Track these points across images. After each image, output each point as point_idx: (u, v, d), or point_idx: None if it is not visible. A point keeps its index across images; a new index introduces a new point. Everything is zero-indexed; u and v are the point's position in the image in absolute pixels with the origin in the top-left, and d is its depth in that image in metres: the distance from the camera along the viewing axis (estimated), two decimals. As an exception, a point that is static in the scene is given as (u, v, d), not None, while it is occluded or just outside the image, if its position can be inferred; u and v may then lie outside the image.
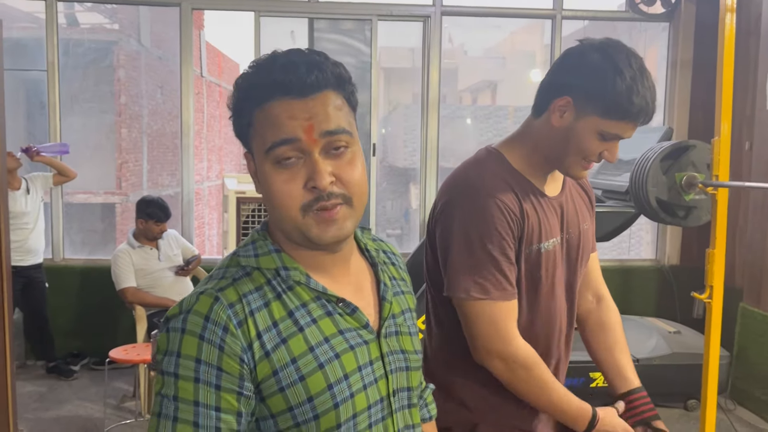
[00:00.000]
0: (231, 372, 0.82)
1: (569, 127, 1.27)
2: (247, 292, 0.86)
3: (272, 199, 0.87)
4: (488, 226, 1.27)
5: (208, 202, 13.24)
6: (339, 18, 4.88)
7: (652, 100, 1.24)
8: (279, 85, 0.85)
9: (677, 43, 4.86)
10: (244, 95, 0.88)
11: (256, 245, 0.92)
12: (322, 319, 0.89)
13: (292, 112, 0.85)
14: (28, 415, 3.71)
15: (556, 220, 1.36)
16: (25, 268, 4.17)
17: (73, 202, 8.26)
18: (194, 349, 0.82)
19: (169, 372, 0.83)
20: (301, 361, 0.85)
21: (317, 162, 0.85)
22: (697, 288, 2.64)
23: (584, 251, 1.43)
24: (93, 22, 9.81)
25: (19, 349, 4.42)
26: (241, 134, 0.91)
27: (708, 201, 2.98)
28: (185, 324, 0.83)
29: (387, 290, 0.99)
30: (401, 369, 0.96)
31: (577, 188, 1.47)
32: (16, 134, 6.70)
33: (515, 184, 1.31)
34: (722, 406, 3.80)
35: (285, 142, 0.84)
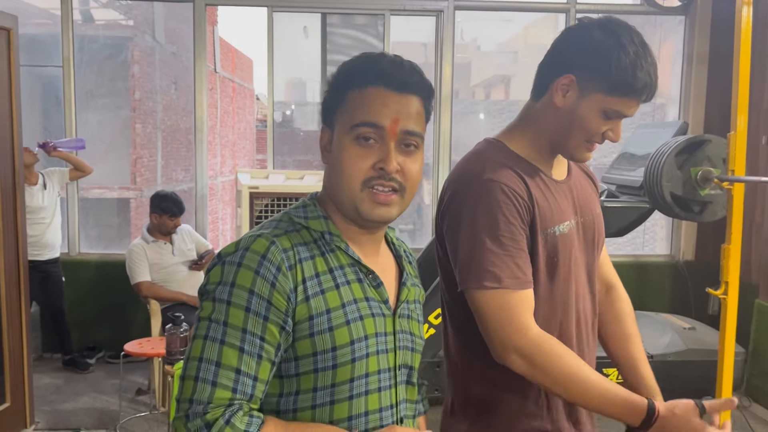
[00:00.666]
0: (279, 307, 0.92)
1: (573, 106, 1.25)
2: (298, 243, 0.98)
3: (341, 166, 0.99)
4: (494, 212, 1.22)
5: (221, 197, 13.30)
6: (352, 13, 4.88)
7: (655, 75, 1.23)
8: (384, 74, 0.99)
9: (693, 36, 4.81)
10: (347, 76, 1.01)
11: (307, 209, 1.03)
12: (354, 283, 1.01)
13: (386, 101, 0.98)
14: (44, 407, 3.76)
15: (568, 204, 1.32)
16: (42, 262, 4.21)
17: (89, 197, 8.34)
18: (249, 281, 0.91)
19: (221, 299, 0.92)
20: (334, 314, 0.96)
21: (391, 150, 0.98)
22: (712, 284, 2.62)
23: (600, 236, 1.40)
24: (108, 18, 9.87)
25: (36, 342, 4.47)
26: (328, 107, 1.03)
27: (723, 196, 2.95)
28: (242, 259, 0.93)
29: (408, 278, 1.13)
30: (407, 348, 1.08)
31: (582, 174, 1.44)
32: (32, 130, 6.77)
33: (519, 169, 1.27)
34: (737, 403, 3.77)
35: (372, 124, 0.97)
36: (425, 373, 3.58)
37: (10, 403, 3.26)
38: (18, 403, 3.32)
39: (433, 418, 1.31)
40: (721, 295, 2.52)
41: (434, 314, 3.55)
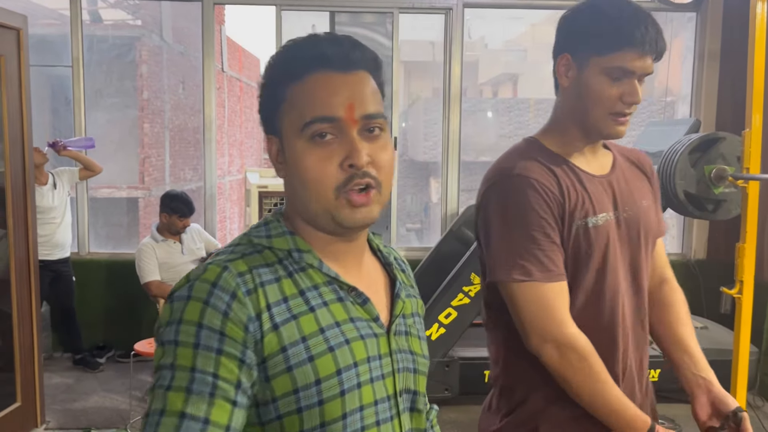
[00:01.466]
0: (234, 337, 0.78)
1: (577, 82, 1.26)
2: (258, 266, 0.83)
3: (304, 177, 0.84)
4: (525, 206, 1.24)
5: (229, 197, 13.33)
6: (360, 11, 4.87)
7: (646, 22, 1.21)
8: (322, 57, 0.85)
9: (704, 33, 4.77)
10: (282, 69, 0.87)
11: (270, 226, 0.89)
12: (334, 304, 0.86)
13: (333, 86, 0.84)
14: (55, 406, 3.77)
15: (606, 197, 1.30)
16: (52, 262, 4.23)
17: (98, 197, 8.37)
18: (197, 314, 0.78)
19: (169, 341, 0.78)
20: (312, 341, 0.81)
21: (355, 140, 0.83)
22: (724, 283, 2.60)
23: (648, 230, 1.35)
24: (116, 18, 9.91)
25: (47, 341, 4.49)
26: (268, 113, 0.89)
27: (738, 194, 2.92)
28: (191, 291, 0.80)
29: (401, 288, 0.97)
30: (408, 370, 0.93)
31: (632, 168, 1.40)
32: (42, 129, 6.80)
33: (551, 164, 1.28)
34: (751, 403, 3.74)
35: (325, 119, 0.83)
36: (435, 372, 3.57)
37: (21, 403, 3.27)
38: (29, 403, 3.33)
39: (446, 418, 1.30)
40: (735, 294, 2.50)
41: (444, 314, 3.54)
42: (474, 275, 3.47)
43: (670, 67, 7.24)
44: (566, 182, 1.27)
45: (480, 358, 3.68)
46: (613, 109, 1.24)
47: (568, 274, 1.26)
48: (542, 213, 1.23)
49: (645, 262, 1.36)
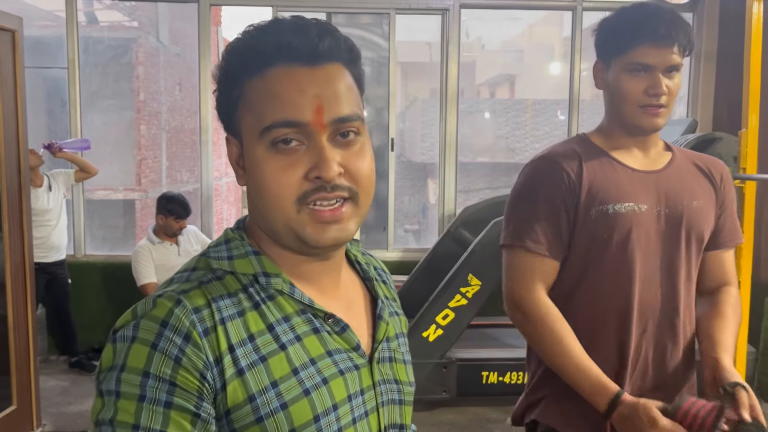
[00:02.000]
0: (187, 388, 0.66)
1: (608, 83, 1.36)
2: (218, 298, 0.71)
3: (262, 189, 0.72)
4: (536, 182, 1.37)
5: (226, 198, 13.32)
6: (357, 12, 4.86)
7: (661, 18, 1.28)
8: (285, 47, 0.71)
9: (701, 33, 4.77)
10: (239, 60, 0.74)
11: (231, 245, 0.77)
12: (308, 337, 0.74)
13: (298, 83, 0.71)
14: (51, 410, 3.75)
15: (644, 190, 1.35)
16: (48, 264, 4.21)
17: (94, 199, 8.35)
18: (142, 361, 0.66)
19: (109, 391, 0.67)
20: (284, 386, 0.70)
21: (324, 149, 0.71)
22: (723, 283, 2.59)
23: (692, 229, 1.37)
24: (112, 19, 9.90)
25: (43, 344, 4.47)
26: (225, 111, 0.76)
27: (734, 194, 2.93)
28: (136, 331, 0.68)
29: (384, 308, 0.84)
30: (394, 402, 0.82)
31: (694, 171, 1.42)
32: (38, 131, 6.78)
33: (585, 153, 1.37)
34: (748, 403, 3.74)
35: (288, 124, 0.70)
36: (432, 374, 3.56)
37: (17, 406, 3.25)
38: (24, 406, 3.31)
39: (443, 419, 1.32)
40: (732, 294, 2.49)
41: (441, 315, 3.53)
42: (471, 276, 3.47)
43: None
44: (592, 170, 1.35)
45: (478, 359, 3.68)
46: (640, 102, 1.31)
47: (578, 254, 1.35)
48: (550, 192, 1.34)
49: (685, 261, 1.38)
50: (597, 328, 1.36)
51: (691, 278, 1.41)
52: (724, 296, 1.44)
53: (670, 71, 1.30)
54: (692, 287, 1.42)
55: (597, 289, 1.35)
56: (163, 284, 0.75)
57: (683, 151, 1.47)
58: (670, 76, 1.31)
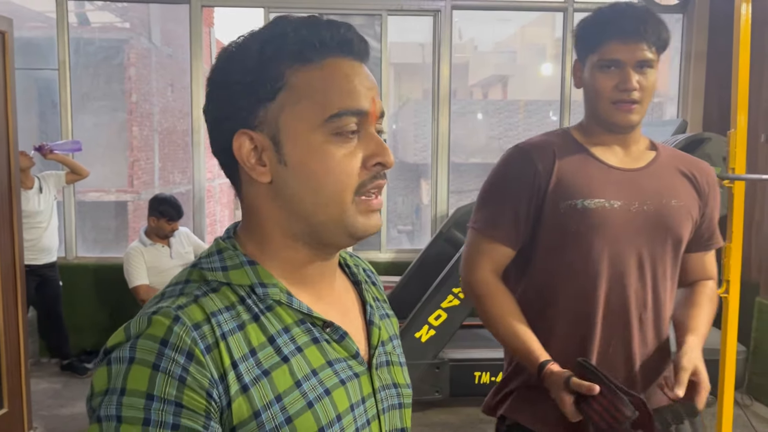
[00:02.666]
0: (194, 408, 0.63)
1: (584, 81, 1.39)
2: (216, 312, 0.68)
3: (322, 178, 0.70)
4: (504, 170, 1.41)
5: (219, 200, 13.28)
6: (348, 13, 4.86)
7: (632, 15, 1.32)
8: (343, 41, 0.72)
9: (691, 34, 4.80)
10: (283, 48, 0.71)
11: (224, 256, 0.74)
12: (308, 347, 0.73)
13: (360, 75, 0.72)
14: (42, 412, 3.74)
15: (619, 187, 1.36)
16: (39, 266, 4.19)
17: (86, 201, 8.31)
18: (144, 383, 0.63)
19: (109, 416, 0.63)
20: (287, 399, 0.69)
21: (379, 138, 0.73)
22: (713, 283, 2.60)
23: (670, 228, 1.38)
24: (104, 20, 9.86)
25: (34, 346, 4.45)
26: (253, 101, 0.72)
27: (724, 194, 2.94)
28: (133, 352, 0.64)
29: (373, 313, 0.84)
30: (394, 407, 0.82)
31: (675, 171, 1.43)
32: (29, 133, 6.75)
33: (561, 147, 1.39)
34: (739, 402, 3.76)
35: (357, 112, 0.71)
36: (425, 374, 3.56)
37: (8, 409, 3.24)
38: (16, 409, 3.29)
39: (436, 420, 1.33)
40: (722, 293, 2.51)
41: (434, 315, 3.54)
42: (463, 277, 3.47)
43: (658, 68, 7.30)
44: (566, 164, 1.37)
45: (470, 359, 3.68)
46: (612, 98, 1.34)
47: (553, 247, 1.37)
48: (518, 182, 1.37)
49: (661, 259, 1.38)
50: (561, 321, 1.38)
51: (668, 276, 1.41)
52: (700, 288, 1.48)
53: (641, 67, 1.32)
54: (669, 285, 1.42)
55: (564, 281, 1.37)
56: (155, 299, 0.72)
57: (670, 152, 1.46)
58: (642, 72, 1.32)
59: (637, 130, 1.41)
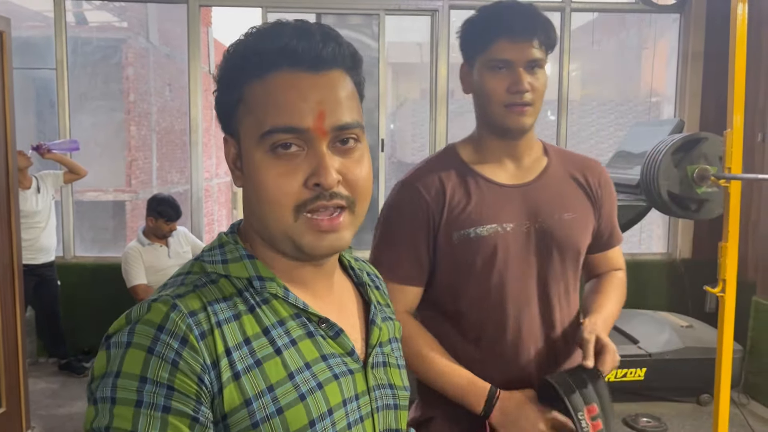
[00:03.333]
0: (186, 392, 0.65)
1: (474, 85, 1.32)
2: (213, 301, 0.71)
3: (260, 194, 0.72)
4: (396, 211, 1.34)
5: (217, 199, 13.27)
6: (346, 13, 4.87)
7: (521, 13, 1.26)
8: (288, 52, 0.71)
9: (688, 34, 4.81)
10: (240, 63, 0.73)
11: (225, 249, 0.77)
12: (303, 341, 0.74)
13: (300, 89, 0.71)
14: (40, 412, 3.74)
15: (511, 207, 1.32)
16: (37, 266, 4.19)
17: (84, 200, 8.31)
18: (138, 366, 0.65)
19: (104, 398, 0.65)
20: (279, 390, 0.70)
21: (324, 156, 0.71)
22: (709, 282, 2.62)
23: (565, 243, 1.34)
24: (101, 20, 9.84)
25: (32, 346, 4.45)
26: (225, 112, 0.76)
27: (720, 194, 2.95)
28: (131, 336, 0.67)
29: (376, 313, 0.85)
30: (389, 407, 0.82)
31: (567, 179, 1.39)
32: (26, 133, 6.74)
33: (448, 175, 1.33)
34: (735, 401, 3.78)
35: (289, 129, 0.70)
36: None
37: (6, 408, 3.24)
38: (13, 408, 3.29)
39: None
40: (718, 293, 2.52)
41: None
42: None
43: (654, 68, 7.29)
44: (455, 193, 1.31)
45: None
46: (504, 101, 1.27)
47: (442, 281, 1.33)
48: (411, 219, 1.31)
49: (561, 276, 1.35)
50: (476, 352, 1.32)
51: (569, 292, 1.37)
52: (607, 277, 1.48)
53: (532, 67, 1.27)
54: (572, 301, 1.39)
55: (470, 314, 1.32)
56: (159, 289, 0.74)
57: (561, 156, 1.42)
58: (532, 72, 1.27)
59: (530, 135, 1.35)
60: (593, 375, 1.22)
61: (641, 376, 3.71)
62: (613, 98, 12.91)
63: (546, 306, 1.34)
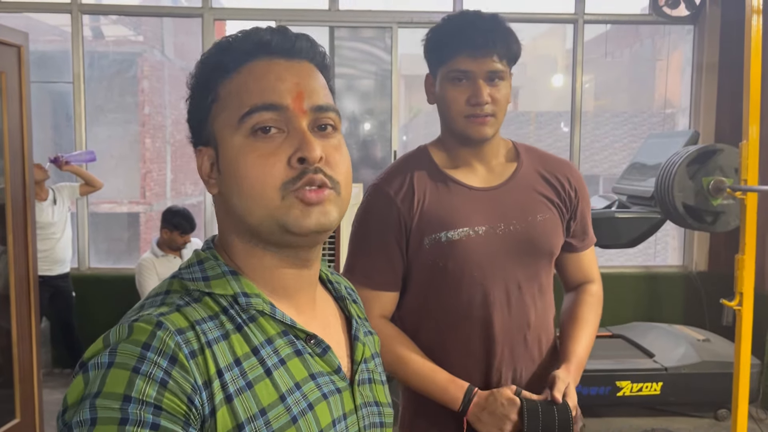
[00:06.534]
0: (174, 412, 0.60)
1: (437, 96, 1.35)
2: (200, 320, 0.67)
3: (242, 180, 0.69)
4: (367, 216, 1.35)
5: (230, 211, 13.33)
6: (359, 26, 4.90)
7: (481, 27, 1.28)
8: (263, 44, 0.72)
9: (702, 45, 4.79)
10: (214, 62, 0.73)
11: (205, 266, 0.73)
12: (291, 359, 0.71)
13: (278, 72, 0.71)
14: (54, 423, 3.74)
15: (481, 210, 1.33)
16: (52, 277, 4.22)
17: (99, 212, 8.38)
18: (122, 385, 0.59)
19: (81, 421, 0.58)
20: (272, 414, 0.67)
21: (306, 132, 0.69)
22: (725, 295, 2.58)
23: (539, 245, 1.36)
24: (118, 34, 9.98)
25: (46, 357, 4.48)
26: (197, 118, 0.75)
27: (736, 206, 2.92)
28: (113, 357, 0.61)
29: (359, 328, 0.83)
30: (375, 425, 0.80)
31: (539, 181, 1.40)
32: (43, 145, 6.83)
33: (419, 178, 1.35)
34: (753, 416, 3.72)
35: (269, 107, 0.69)
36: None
37: (20, 419, 3.25)
38: (28, 419, 3.31)
39: None
40: (735, 306, 2.49)
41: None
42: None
43: (669, 79, 7.26)
44: (426, 197, 1.33)
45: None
46: (464, 112, 1.30)
47: (418, 284, 1.35)
48: (381, 224, 1.33)
49: (534, 278, 1.37)
50: (452, 356, 1.35)
51: (543, 293, 1.39)
52: (583, 296, 1.48)
53: (492, 79, 1.29)
54: (546, 301, 1.41)
55: (444, 318, 1.34)
56: (134, 310, 0.70)
57: (532, 157, 1.43)
58: (493, 84, 1.29)
59: (495, 141, 1.37)
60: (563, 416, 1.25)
61: (657, 391, 3.66)
62: (626, 110, 12.86)
63: (520, 307, 1.36)
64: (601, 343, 3.90)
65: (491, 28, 1.28)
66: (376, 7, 4.79)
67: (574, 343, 1.39)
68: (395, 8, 4.73)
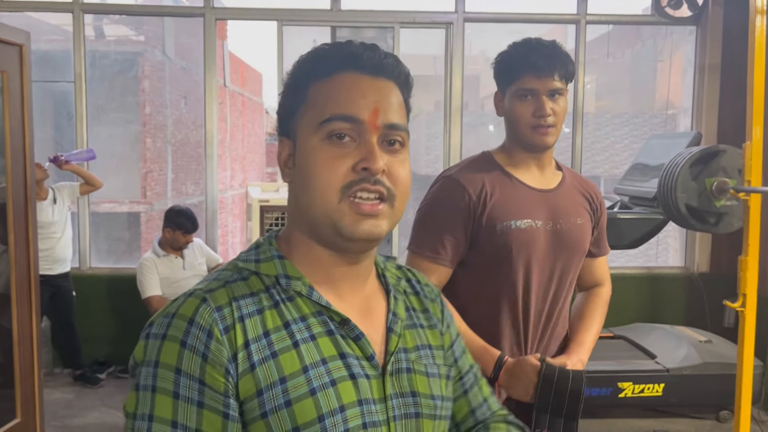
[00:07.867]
0: (215, 387, 0.71)
1: (505, 110, 1.57)
2: (240, 296, 0.76)
3: (311, 176, 0.77)
4: (438, 199, 1.56)
5: (231, 211, 13.34)
6: (361, 26, 4.89)
7: (543, 52, 1.50)
8: (353, 57, 0.80)
9: (705, 46, 4.78)
10: (308, 68, 0.82)
11: (260, 250, 0.83)
12: (322, 337, 0.77)
13: (360, 87, 0.79)
14: (55, 423, 3.75)
15: (539, 207, 1.56)
16: (53, 276, 4.22)
17: (99, 212, 8.38)
18: (174, 357, 0.71)
19: (145, 385, 0.72)
20: (291, 383, 0.72)
21: (374, 145, 0.77)
22: (727, 296, 2.58)
23: (577, 244, 1.59)
24: (119, 34, 9.98)
25: (47, 356, 4.47)
26: (286, 114, 0.83)
27: (739, 207, 2.92)
28: (168, 328, 0.73)
29: (396, 321, 0.85)
30: (409, 416, 0.80)
31: (577, 192, 1.65)
32: (44, 145, 6.83)
33: (488, 173, 1.57)
34: (756, 417, 3.71)
35: (347, 118, 0.77)
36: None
37: (21, 419, 3.25)
38: (28, 419, 3.30)
39: None
40: (738, 307, 2.48)
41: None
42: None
43: (671, 80, 7.24)
44: (495, 188, 1.54)
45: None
46: (530, 123, 1.52)
47: (488, 264, 1.54)
48: (452, 208, 1.53)
49: (568, 271, 1.60)
50: (498, 325, 1.55)
51: (572, 284, 1.64)
52: (593, 297, 1.72)
53: (553, 95, 1.51)
54: (571, 291, 1.65)
55: (499, 291, 1.54)
56: (201, 281, 0.80)
57: (571, 174, 1.69)
58: (554, 99, 1.51)
59: (551, 151, 1.60)
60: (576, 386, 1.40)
61: (659, 392, 3.65)
62: (627, 110, 12.85)
63: (555, 296, 1.59)
64: (602, 344, 3.90)
65: (552, 53, 1.51)
66: (377, 7, 4.78)
67: (584, 333, 1.63)
68: (397, 8, 4.72)
